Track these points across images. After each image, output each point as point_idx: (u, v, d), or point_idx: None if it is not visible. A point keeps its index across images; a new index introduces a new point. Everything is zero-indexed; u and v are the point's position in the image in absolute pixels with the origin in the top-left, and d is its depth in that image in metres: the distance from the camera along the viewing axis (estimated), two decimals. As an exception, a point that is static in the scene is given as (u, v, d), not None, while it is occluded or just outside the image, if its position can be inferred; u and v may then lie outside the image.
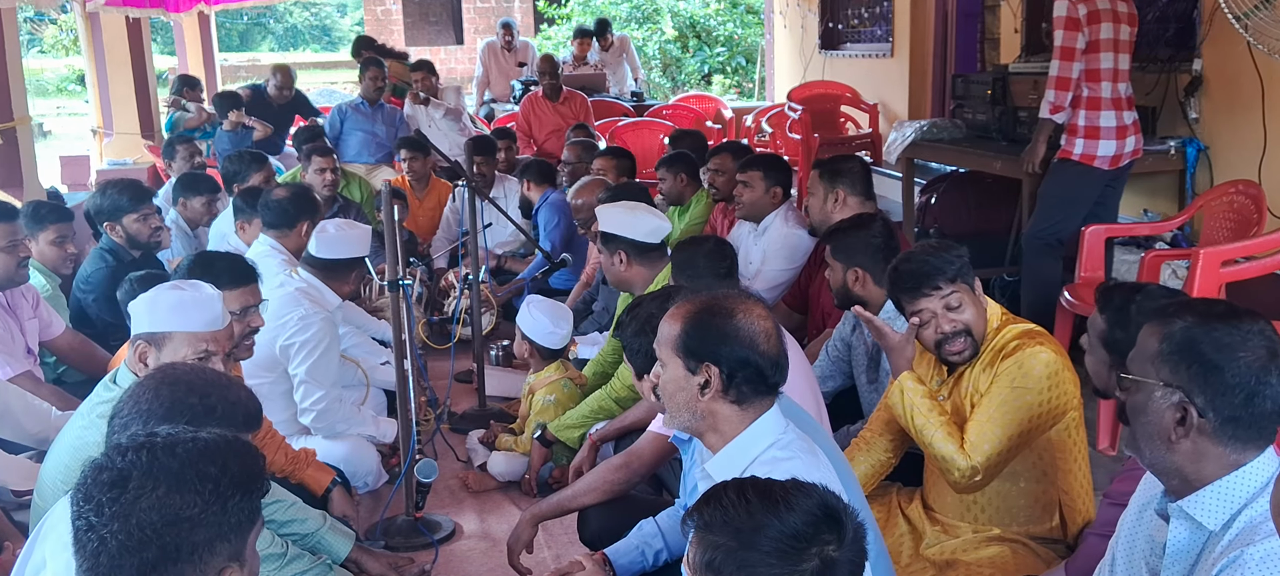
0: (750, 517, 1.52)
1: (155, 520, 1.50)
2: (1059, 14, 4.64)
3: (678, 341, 2.07)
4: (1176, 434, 1.73)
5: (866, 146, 8.85)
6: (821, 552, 1.50)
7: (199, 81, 9.84)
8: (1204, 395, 1.70)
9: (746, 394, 2.05)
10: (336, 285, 3.99)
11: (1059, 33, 4.65)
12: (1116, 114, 4.72)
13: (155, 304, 2.65)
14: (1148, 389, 1.76)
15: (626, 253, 3.82)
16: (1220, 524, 1.71)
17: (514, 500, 3.81)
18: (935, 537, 2.80)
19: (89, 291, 4.41)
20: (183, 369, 2.25)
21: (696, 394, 2.06)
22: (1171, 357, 1.73)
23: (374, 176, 7.57)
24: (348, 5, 26.69)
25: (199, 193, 5.51)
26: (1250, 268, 3.99)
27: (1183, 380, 1.72)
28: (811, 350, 3.84)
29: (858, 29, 9.59)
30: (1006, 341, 2.69)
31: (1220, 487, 1.71)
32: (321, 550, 2.93)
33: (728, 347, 2.03)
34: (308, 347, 3.70)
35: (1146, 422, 1.76)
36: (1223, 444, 1.71)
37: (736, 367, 2.03)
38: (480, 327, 4.58)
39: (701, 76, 16.89)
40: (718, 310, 2.07)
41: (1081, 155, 4.70)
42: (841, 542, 1.52)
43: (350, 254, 3.98)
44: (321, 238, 3.97)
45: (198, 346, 2.60)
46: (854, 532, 1.54)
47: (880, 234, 3.41)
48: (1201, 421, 1.71)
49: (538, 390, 4.04)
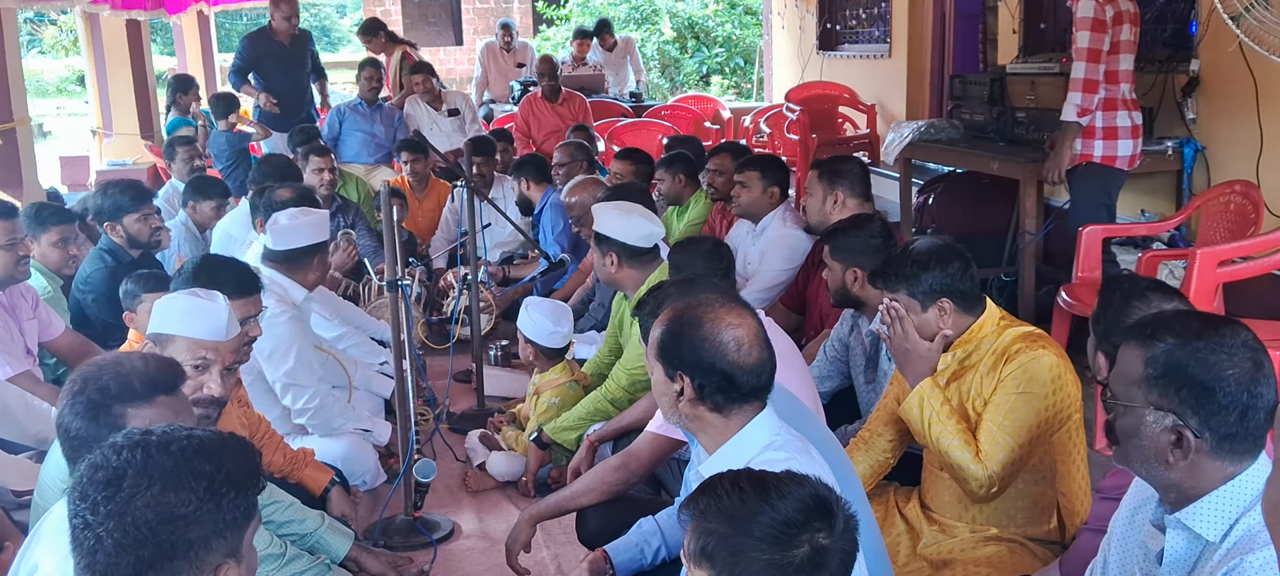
0: (743, 505, 1.55)
1: (150, 518, 1.50)
2: (1085, 15, 4.59)
3: (657, 347, 2.11)
4: (1174, 456, 1.71)
5: (864, 147, 8.86)
6: (812, 540, 1.53)
7: (194, 81, 9.81)
8: (1198, 417, 1.68)
9: (721, 403, 2.07)
10: (300, 276, 3.96)
11: (1085, 34, 4.60)
12: (1129, 114, 4.75)
13: (168, 306, 2.66)
14: (1137, 412, 1.73)
15: (618, 255, 3.84)
16: (1219, 534, 1.70)
17: (512, 500, 3.81)
18: (933, 537, 2.80)
19: (88, 292, 4.42)
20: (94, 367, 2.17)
21: (676, 399, 2.10)
22: (1159, 382, 1.71)
23: (373, 177, 7.58)
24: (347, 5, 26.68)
25: (209, 196, 5.55)
26: (1247, 268, 4.00)
27: (1174, 404, 1.69)
28: (809, 351, 3.85)
29: (856, 30, 9.60)
30: (1007, 345, 2.68)
31: (1217, 498, 1.70)
32: (320, 550, 2.94)
33: (696, 357, 2.05)
34: (278, 353, 3.68)
35: (1140, 445, 1.74)
36: (1220, 459, 1.70)
37: (706, 378, 2.05)
38: (479, 328, 4.59)
39: (700, 77, 16.90)
40: (689, 320, 2.09)
41: (1103, 157, 4.71)
42: (832, 531, 1.54)
43: (307, 241, 3.95)
44: (275, 230, 3.94)
45: (197, 353, 2.60)
46: (845, 522, 1.56)
47: (879, 234, 3.43)
48: (1198, 443, 1.69)
49: (543, 392, 4.03)
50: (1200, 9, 5.08)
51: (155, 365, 2.17)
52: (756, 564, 1.53)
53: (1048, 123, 5.35)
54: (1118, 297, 2.50)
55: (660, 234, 3.89)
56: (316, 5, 27.86)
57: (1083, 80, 4.64)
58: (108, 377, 2.08)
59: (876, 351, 3.43)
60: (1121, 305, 2.46)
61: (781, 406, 2.17)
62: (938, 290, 2.74)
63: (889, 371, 3.28)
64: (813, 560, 1.52)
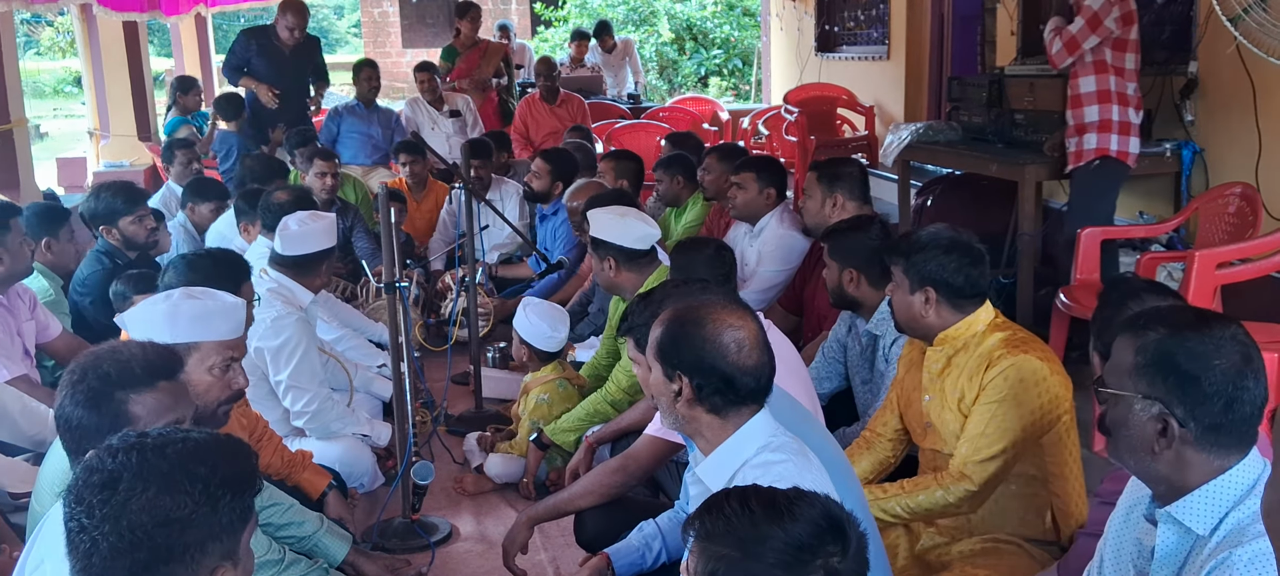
0: (754, 527, 1.50)
1: (146, 521, 1.50)
2: (1091, 5, 4.63)
3: (657, 347, 2.10)
4: (1159, 445, 1.73)
5: (863, 149, 8.86)
6: (826, 563, 1.49)
7: (196, 82, 9.80)
8: (1183, 406, 1.70)
9: (719, 405, 2.07)
10: (308, 281, 3.96)
11: (1097, 4, 4.63)
12: (1136, 112, 4.77)
13: (174, 313, 2.58)
14: (1127, 401, 1.76)
15: (615, 259, 3.84)
16: (1208, 528, 1.71)
17: (510, 502, 3.81)
18: (930, 539, 2.80)
19: (86, 294, 4.41)
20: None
21: (673, 400, 2.09)
22: (1148, 370, 1.73)
23: (370, 178, 7.57)
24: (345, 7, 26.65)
25: (207, 198, 5.56)
26: (1245, 270, 4.00)
27: (1161, 392, 1.72)
28: (808, 352, 3.84)
29: (854, 32, 9.60)
30: (991, 349, 2.69)
31: (1207, 492, 1.72)
32: (318, 553, 2.93)
33: (696, 358, 2.05)
34: (284, 353, 3.67)
35: (1128, 435, 1.77)
36: (1206, 451, 1.71)
37: (705, 379, 2.05)
38: (477, 330, 4.58)
39: (698, 79, 16.90)
40: (690, 319, 2.08)
41: (1118, 151, 4.72)
42: (846, 553, 1.50)
43: (316, 247, 3.95)
44: (285, 234, 3.93)
45: (225, 354, 2.58)
46: (857, 542, 1.52)
47: (877, 236, 3.43)
48: (1182, 432, 1.71)
49: (532, 388, 4.04)
50: (1198, 11, 5.08)
51: (154, 351, 2.16)
52: None
53: (1046, 124, 5.35)
54: (1114, 298, 2.51)
55: (656, 235, 3.89)
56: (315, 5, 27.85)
57: (1073, 37, 4.70)
58: (107, 365, 2.07)
59: (874, 352, 3.43)
60: (1117, 305, 2.47)
61: (779, 408, 2.17)
62: (926, 277, 2.74)
63: (888, 373, 3.28)
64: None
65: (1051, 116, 5.32)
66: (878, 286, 3.37)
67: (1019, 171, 5.19)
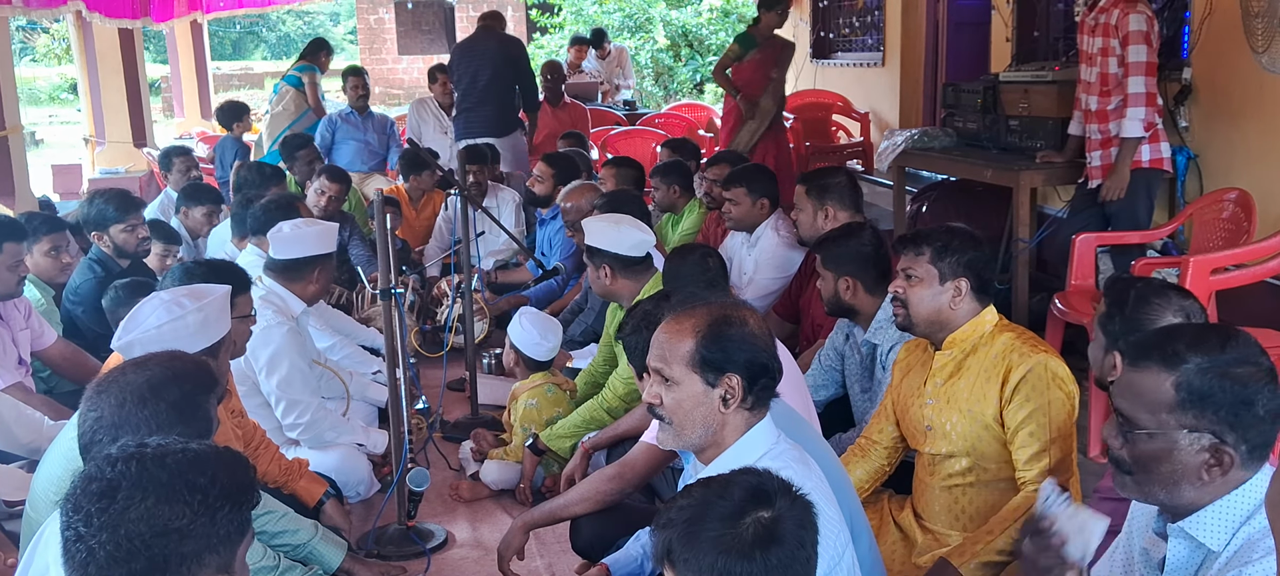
0: (696, 504, 1.61)
1: (144, 531, 1.50)
2: (1140, 28, 4.56)
3: (693, 357, 2.04)
4: (1210, 475, 1.70)
5: (858, 155, 8.87)
6: (756, 517, 1.57)
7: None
8: (1236, 431, 1.68)
9: (760, 399, 2.08)
10: (299, 287, 3.90)
11: (1142, 48, 4.57)
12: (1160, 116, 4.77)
13: (179, 328, 2.59)
14: (1169, 437, 1.71)
15: (611, 266, 3.84)
16: (1222, 543, 1.70)
17: (506, 508, 3.80)
18: (927, 545, 2.80)
19: (78, 303, 4.40)
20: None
21: (717, 408, 2.05)
22: (1194, 403, 1.69)
23: (366, 186, 7.56)
24: (341, 14, 26.67)
25: (200, 203, 5.56)
26: (1240, 276, 4.00)
27: (1211, 422, 1.69)
28: (804, 360, 3.85)
29: (849, 38, 9.62)
30: (1004, 350, 2.67)
31: (1221, 507, 1.71)
32: (313, 560, 2.93)
33: (746, 355, 2.04)
34: (272, 364, 3.66)
35: (1171, 469, 1.72)
36: (1245, 469, 1.71)
37: (756, 374, 2.05)
38: (473, 336, 4.58)
39: (693, 85, 16.93)
40: (731, 320, 2.08)
41: (1151, 161, 4.71)
42: (773, 507, 1.58)
43: (310, 252, 3.90)
44: (277, 238, 3.89)
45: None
46: (792, 500, 1.60)
47: (870, 243, 3.43)
48: (1235, 456, 1.69)
49: (521, 394, 4.03)
50: (1193, 17, 5.09)
51: (191, 360, 2.27)
52: (708, 545, 1.56)
53: (1041, 131, 5.36)
54: (1133, 297, 2.48)
55: (651, 242, 3.89)
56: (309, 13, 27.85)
57: (1145, 94, 4.60)
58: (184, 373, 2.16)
59: (872, 360, 3.43)
60: (1138, 305, 2.45)
61: (778, 415, 2.17)
62: (962, 267, 2.72)
63: (884, 380, 3.28)
64: (762, 535, 1.55)
65: (1046, 122, 5.33)
66: (874, 292, 3.38)
67: (1013, 177, 5.20)
